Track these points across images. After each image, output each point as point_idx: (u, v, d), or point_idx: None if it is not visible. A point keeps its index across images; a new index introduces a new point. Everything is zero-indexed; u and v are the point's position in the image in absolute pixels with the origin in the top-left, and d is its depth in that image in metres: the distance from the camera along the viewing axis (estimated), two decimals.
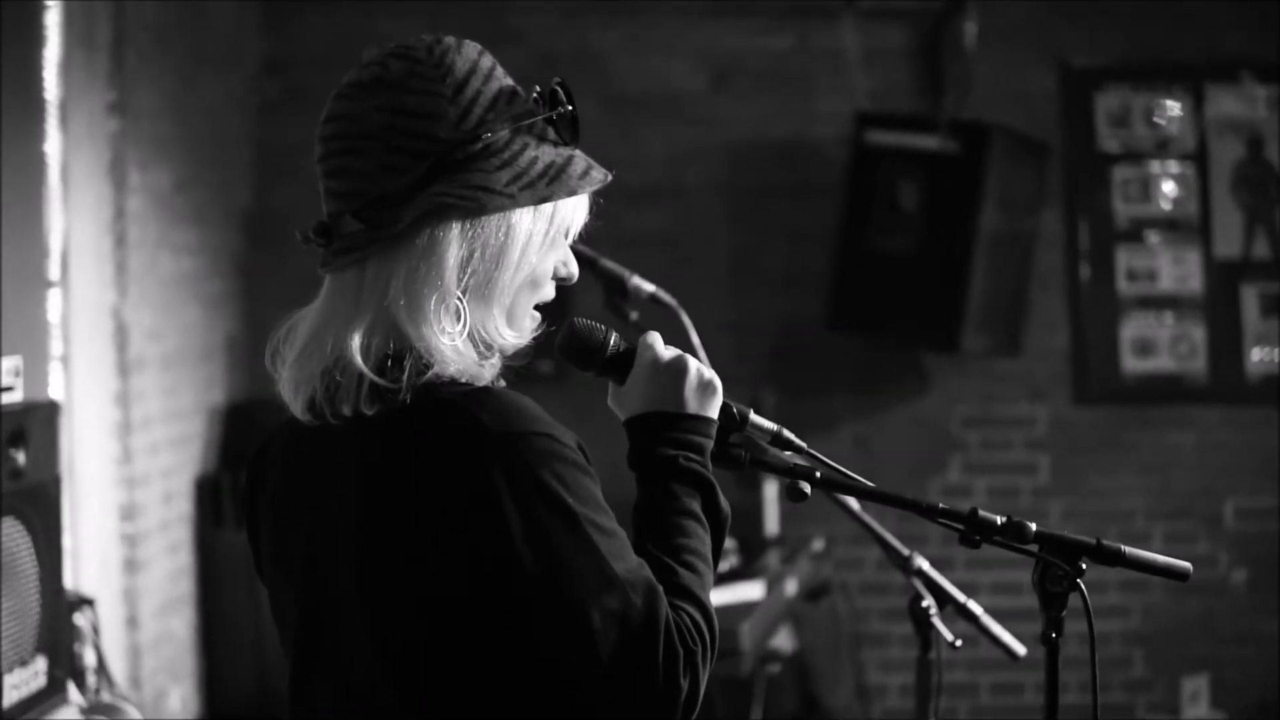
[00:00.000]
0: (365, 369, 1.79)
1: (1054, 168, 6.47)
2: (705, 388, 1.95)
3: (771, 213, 6.61)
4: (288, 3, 6.59)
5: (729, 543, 4.71)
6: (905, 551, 2.81)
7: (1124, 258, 6.56)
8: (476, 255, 1.82)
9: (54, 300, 4.90)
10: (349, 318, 1.82)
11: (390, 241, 1.81)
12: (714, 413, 1.96)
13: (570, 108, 1.91)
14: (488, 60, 1.89)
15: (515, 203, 1.83)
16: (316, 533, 1.87)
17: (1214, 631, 6.51)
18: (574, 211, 1.91)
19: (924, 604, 2.75)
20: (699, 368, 1.96)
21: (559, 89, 1.90)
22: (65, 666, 3.71)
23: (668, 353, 1.97)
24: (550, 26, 6.63)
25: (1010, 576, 6.33)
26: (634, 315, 2.84)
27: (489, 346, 1.86)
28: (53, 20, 4.87)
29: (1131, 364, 6.55)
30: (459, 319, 1.82)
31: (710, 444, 1.95)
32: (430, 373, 1.79)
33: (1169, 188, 6.54)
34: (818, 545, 5.73)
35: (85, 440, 5.05)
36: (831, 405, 6.57)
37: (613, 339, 1.98)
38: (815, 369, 6.57)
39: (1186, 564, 2.10)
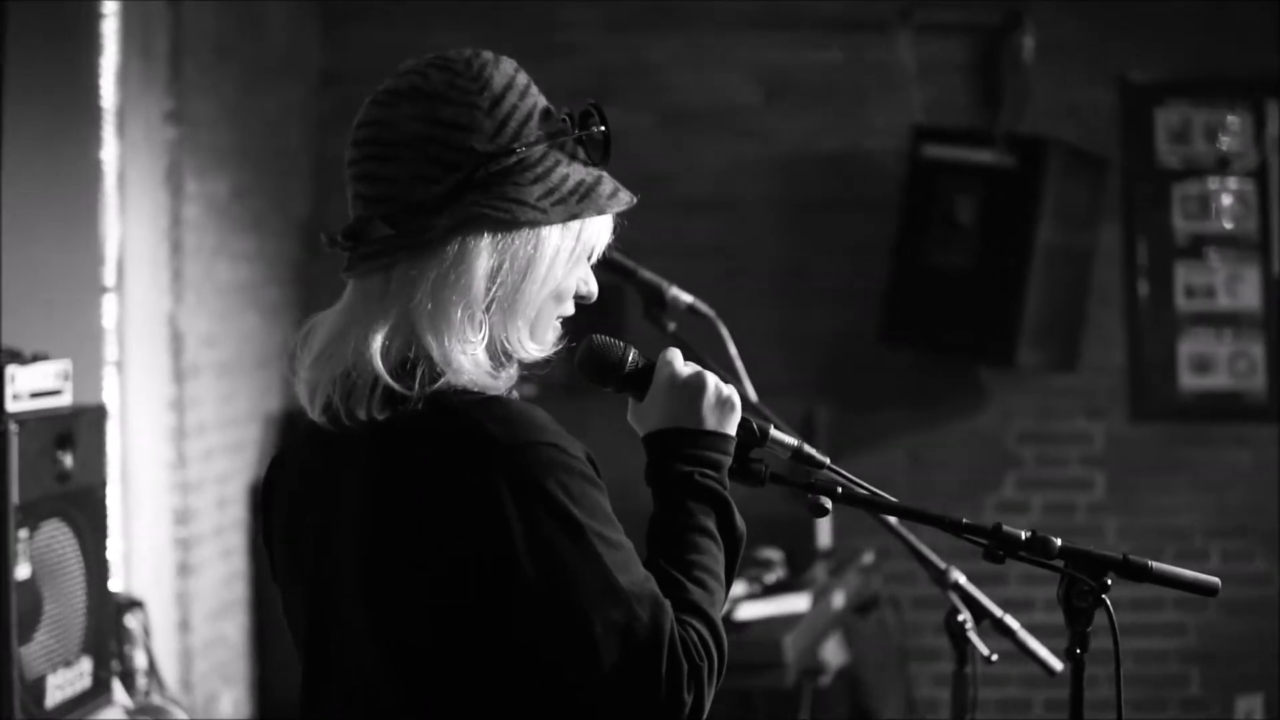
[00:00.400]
0: (383, 372, 1.80)
1: (1113, 183, 6.43)
2: (723, 404, 1.95)
3: (824, 226, 6.60)
4: (346, 16, 6.64)
5: (775, 554, 4.71)
6: (942, 565, 2.80)
7: (1183, 274, 6.51)
8: (505, 267, 1.83)
9: (109, 306, 4.96)
10: (372, 321, 1.82)
11: (420, 248, 1.82)
12: (732, 429, 1.96)
13: (604, 128, 1.90)
14: (523, 77, 1.91)
15: (547, 218, 1.84)
16: (324, 537, 1.88)
17: (1270, 650, 6.43)
18: (599, 231, 1.93)
19: (960, 618, 2.73)
20: (717, 384, 1.96)
21: (593, 110, 1.91)
22: (109, 668, 3.73)
23: (686, 369, 1.97)
24: (604, 40, 6.65)
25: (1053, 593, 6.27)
26: (672, 326, 2.84)
27: (508, 357, 1.87)
28: (110, 29, 4.93)
29: (1189, 381, 6.50)
30: (480, 330, 1.83)
31: (728, 460, 1.94)
32: (442, 381, 1.80)
33: (1229, 204, 6.49)
34: (868, 558, 5.71)
35: (140, 445, 5.10)
36: (886, 420, 6.55)
37: (631, 355, 1.98)
38: (869, 384, 6.55)
39: (1215, 579, 2.08)
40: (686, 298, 2.85)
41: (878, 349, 6.37)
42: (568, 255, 1.88)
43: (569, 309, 1.93)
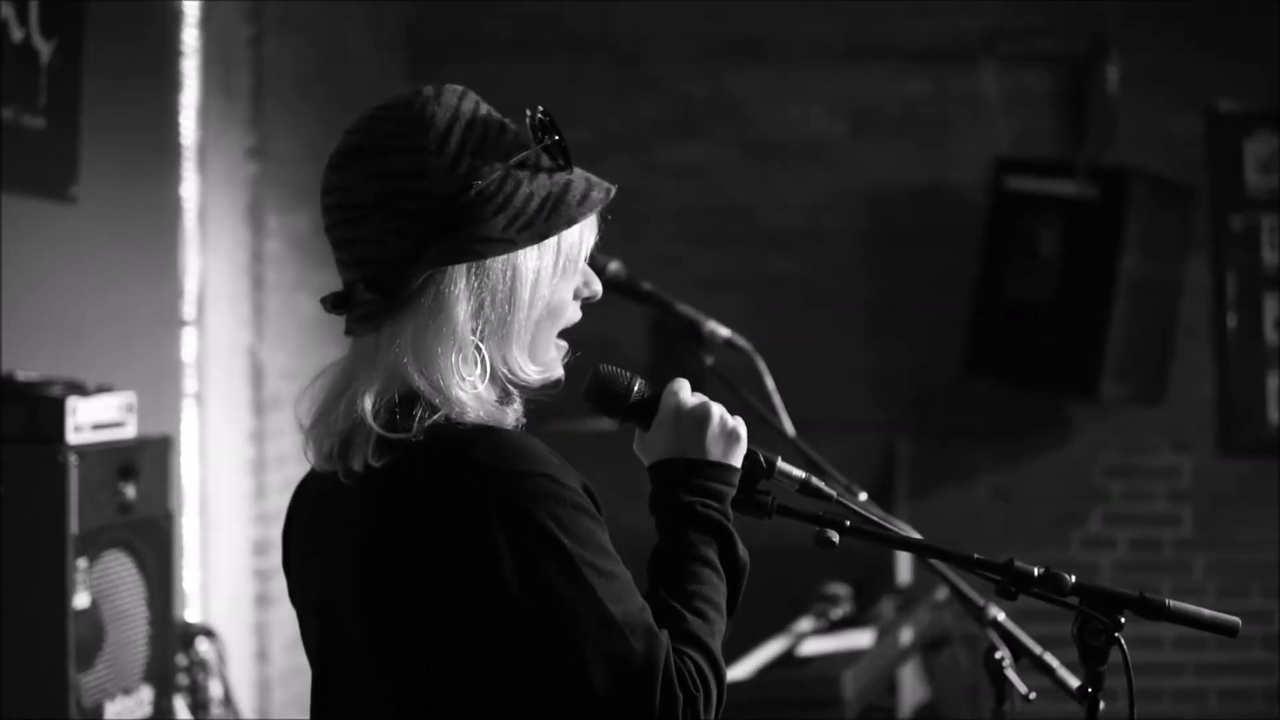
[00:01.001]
0: (375, 427, 1.81)
1: (1200, 214, 6.34)
2: (728, 435, 1.94)
3: (909, 258, 6.56)
4: (432, 51, 6.71)
5: (842, 589, 4.67)
6: (980, 601, 2.76)
7: (1272, 306, 6.40)
8: (487, 303, 1.83)
9: (189, 339, 5.03)
10: (364, 381, 1.84)
11: (401, 304, 1.83)
12: (737, 460, 1.95)
13: (557, 136, 1.89)
14: (469, 103, 1.89)
15: (515, 246, 1.83)
16: (330, 565, 1.90)
17: None
18: (581, 235, 1.91)
19: (997, 655, 2.69)
20: (722, 414, 1.95)
21: (542, 118, 1.89)
22: (171, 697, 3.78)
23: (691, 399, 1.96)
24: (688, 74, 6.67)
25: (1149, 631, 6.18)
26: (709, 360, 2.83)
27: (517, 386, 1.88)
28: (190, 67, 5.02)
29: (1279, 414, 6.38)
30: (477, 365, 1.84)
31: (731, 491, 1.93)
32: (440, 414, 1.81)
33: None
34: (940, 595, 5.65)
35: (219, 477, 5.17)
36: (970, 454, 6.49)
37: (637, 385, 1.98)
38: (954, 417, 6.50)
39: (1235, 619, 2.04)
40: (724, 331, 2.85)
41: (962, 382, 6.33)
42: (550, 272, 1.87)
43: (573, 316, 1.93)
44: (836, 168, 6.62)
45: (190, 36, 5.02)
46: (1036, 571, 2.01)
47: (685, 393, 1.97)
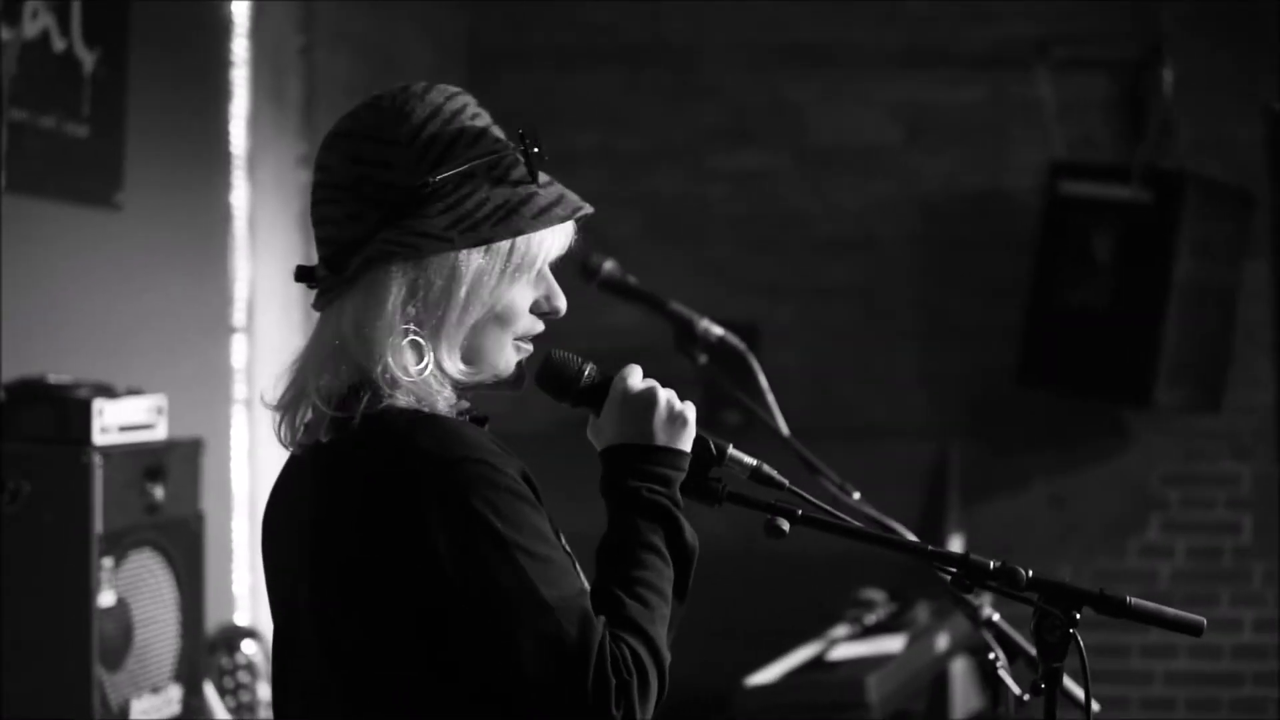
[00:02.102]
0: (321, 404, 1.87)
1: (1260, 219, 6.25)
2: (675, 420, 1.96)
3: (965, 265, 6.53)
4: (491, 60, 6.76)
5: (878, 595, 4.66)
6: (975, 602, 2.75)
7: None
8: (420, 296, 1.88)
9: (239, 345, 5.10)
10: (315, 357, 1.92)
11: (345, 285, 1.90)
12: (685, 445, 1.96)
13: (526, 145, 1.92)
14: (455, 104, 1.93)
15: (452, 246, 1.87)
16: (283, 553, 1.97)
17: None
18: (541, 246, 1.93)
19: (991, 656, 2.68)
20: (669, 399, 1.96)
21: (523, 130, 1.93)
22: (201, 696, 3.84)
23: (640, 384, 1.98)
24: (744, 81, 6.68)
25: (1209, 640, 6.13)
26: (702, 359, 2.85)
27: (451, 380, 1.92)
28: (240, 76, 5.09)
29: None
30: (421, 354, 1.88)
31: (679, 476, 1.95)
32: (383, 403, 1.85)
33: None
34: (979, 601, 5.61)
35: (268, 482, 5.22)
36: (1026, 462, 6.44)
37: (587, 370, 2.00)
38: (1009, 425, 6.45)
39: (1200, 619, 2.02)
40: (717, 330, 2.86)
41: (1017, 389, 6.28)
42: (496, 277, 1.90)
43: (526, 327, 1.96)
44: (892, 174, 6.60)
45: (240, 46, 5.09)
46: (993, 565, 2.00)
47: (634, 378, 1.99)
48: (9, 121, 3.94)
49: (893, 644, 4.20)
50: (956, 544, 5.71)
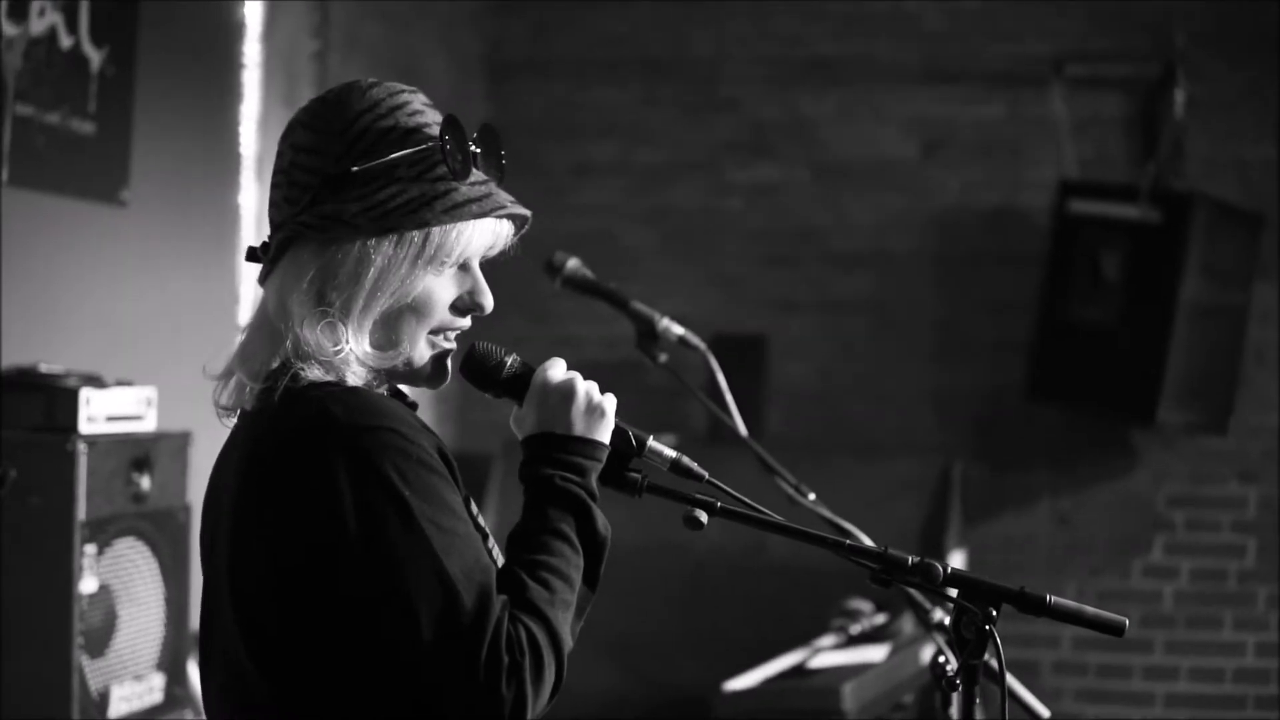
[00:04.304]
0: (242, 374, 1.96)
1: (1270, 240, 6.25)
2: (593, 410, 1.99)
3: (977, 281, 6.54)
4: (511, 70, 6.81)
5: (865, 605, 4.67)
6: (928, 606, 2.77)
7: None
8: (331, 278, 1.93)
9: None
10: (251, 333, 2.00)
11: (269, 264, 1.99)
12: (602, 436, 2.00)
13: (447, 144, 1.95)
14: (396, 101, 1.98)
15: (359, 232, 1.92)
16: (211, 521, 2.02)
17: None
18: (459, 241, 1.97)
19: (941, 659, 2.70)
20: (589, 391, 2.00)
21: (451, 127, 1.96)
22: (186, 685, 3.88)
23: (561, 375, 2.01)
24: (763, 95, 6.71)
25: (1211, 663, 6.11)
26: (663, 357, 2.88)
27: (365, 365, 1.96)
28: (252, 79, 5.15)
29: None
30: (330, 338, 1.93)
31: (595, 466, 1.98)
32: (304, 378, 1.90)
33: None
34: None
35: None
36: (1032, 479, 6.45)
37: (510, 361, 2.03)
38: (1017, 441, 6.46)
39: (1122, 619, 2.04)
40: (678, 329, 2.88)
41: (1026, 406, 6.29)
42: (407, 266, 1.94)
43: (444, 321, 1.99)
44: (907, 190, 6.62)
45: (252, 48, 5.16)
46: (911, 560, 2.02)
47: (555, 370, 2.02)
48: (14, 116, 4.00)
49: (874, 653, 4.21)
50: (957, 560, 5.72)
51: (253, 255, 2.03)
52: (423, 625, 1.79)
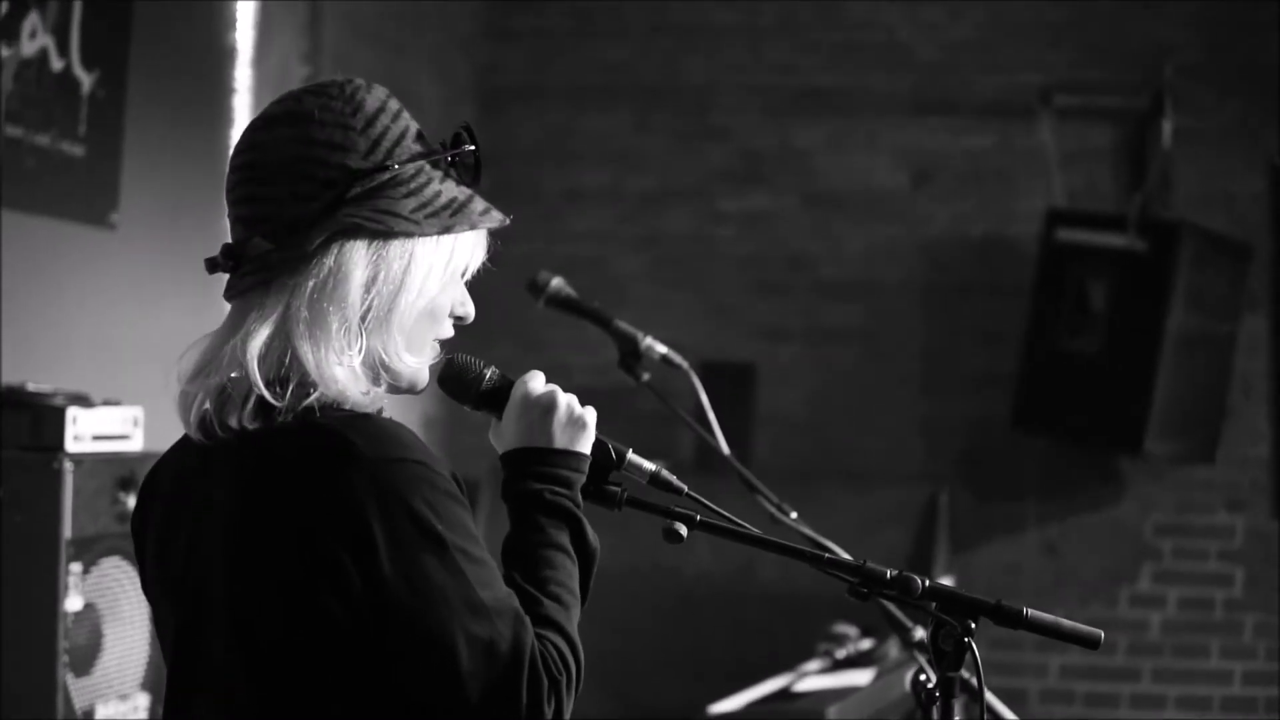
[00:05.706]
0: (258, 379, 1.83)
1: (1259, 271, 6.27)
2: (574, 423, 1.98)
3: (967, 311, 6.57)
4: (503, 98, 6.84)
5: (851, 630, 4.67)
6: (908, 624, 2.78)
7: None
8: (380, 277, 1.87)
9: None
10: (249, 332, 1.86)
11: (298, 261, 1.85)
12: (584, 448, 1.99)
13: (473, 148, 1.95)
14: (395, 103, 1.95)
15: (420, 230, 1.88)
16: (194, 545, 1.92)
17: None
18: (472, 251, 1.95)
19: (921, 677, 2.70)
20: (569, 403, 1.98)
21: (463, 132, 1.96)
22: None
23: (541, 388, 1.99)
24: (755, 125, 6.74)
25: (1198, 691, 6.12)
26: (646, 376, 2.89)
27: (386, 370, 1.90)
28: (242, 104, 5.17)
29: None
30: (356, 343, 1.87)
31: (579, 478, 1.97)
32: (314, 396, 1.84)
33: None
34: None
35: None
36: (1020, 508, 6.46)
37: (488, 374, 2.01)
38: (1005, 471, 6.47)
39: (1098, 631, 2.06)
40: (661, 348, 2.89)
41: (1014, 435, 6.30)
42: (441, 270, 1.91)
43: (446, 330, 1.96)
44: (897, 219, 6.65)
45: (243, 74, 5.18)
46: (889, 574, 2.02)
47: (535, 382, 2.00)
48: (4, 137, 4.02)
49: (859, 677, 4.21)
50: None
51: (232, 255, 1.90)
52: (464, 657, 1.77)
